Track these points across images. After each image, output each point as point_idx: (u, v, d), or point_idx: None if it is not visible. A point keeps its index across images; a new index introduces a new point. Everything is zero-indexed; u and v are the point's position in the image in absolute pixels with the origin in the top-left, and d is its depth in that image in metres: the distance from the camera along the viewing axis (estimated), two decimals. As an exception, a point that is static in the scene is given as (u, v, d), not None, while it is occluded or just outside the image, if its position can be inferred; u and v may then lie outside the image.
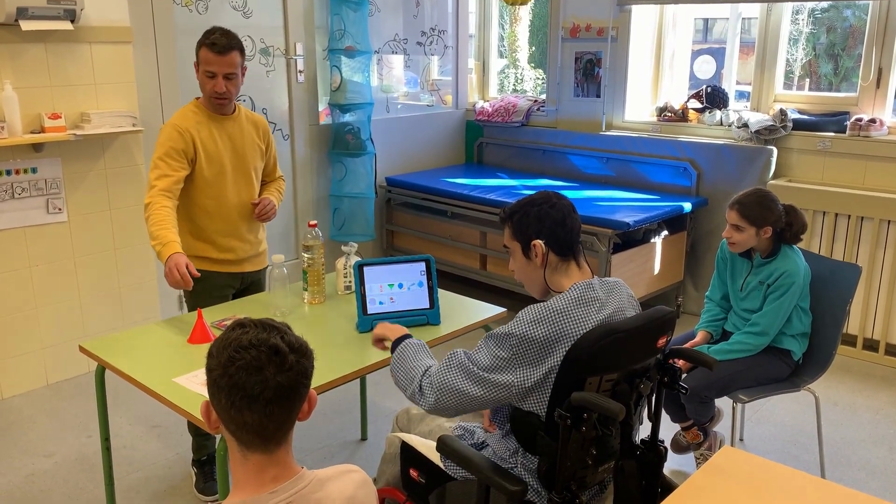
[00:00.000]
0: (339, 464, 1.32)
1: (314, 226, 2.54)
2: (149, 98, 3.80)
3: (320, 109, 4.65)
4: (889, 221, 3.73)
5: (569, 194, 4.73)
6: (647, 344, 1.66)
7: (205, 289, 2.63)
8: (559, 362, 1.61)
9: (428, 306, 2.39)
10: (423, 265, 2.41)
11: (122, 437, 3.13)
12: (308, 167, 4.64)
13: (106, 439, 2.34)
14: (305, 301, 2.57)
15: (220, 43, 2.49)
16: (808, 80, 4.56)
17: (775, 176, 4.13)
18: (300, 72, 4.48)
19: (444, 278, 5.00)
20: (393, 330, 2.05)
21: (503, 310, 2.55)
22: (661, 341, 1.68)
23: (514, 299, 4.56)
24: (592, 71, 4.77)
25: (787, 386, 2.66)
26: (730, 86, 4.62)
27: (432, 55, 5.31)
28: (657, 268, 4.21)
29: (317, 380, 1.31)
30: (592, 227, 3.87)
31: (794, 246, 2.64)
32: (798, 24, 4.44)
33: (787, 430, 3.21)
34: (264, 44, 4.32)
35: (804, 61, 4.57)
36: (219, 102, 2.55)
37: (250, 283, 2.82)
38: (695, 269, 4.49)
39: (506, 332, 1.68)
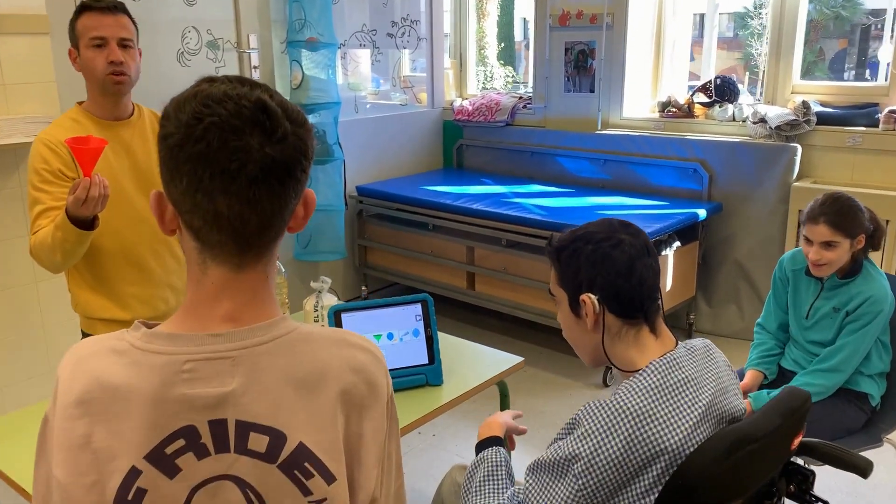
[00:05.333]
0: None
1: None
2: (72, 100, 3.17)
3: (280, 111, 4.08)
4: (934, 226, 3.28)
5: (565, 202, 4.07)
6: (781, 449, 1.14)
7: None
8: (651, 485, 1.08)
9: (427, 362, 1.84)
10: (418, 308, 1.86)
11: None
12: (267, 177, 4.06)
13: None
14: (266, 355, 2.00)
15: (103, 0, 1.91)
16: (825, 69, 4.13)
17: (798, 177, 3.67)
18: (255, 68, 3.91)
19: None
20: (489, 426, 1.52)
21: (520, 359, 2.02)
22: (797, 441, 1.17)
23: (507, 321, 4.04)
24: (585, 63, 4.27)
25: (864, 440, 2.17)
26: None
27: (404, 48, 4.76)
28: (669, 284, 3.72)
29: None
30: (597, 239, 3.35)
31: (876, 265, 2.15)
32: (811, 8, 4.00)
33: (861, 490, 2.68)
34: (212, 36, 3.73)
35: (818, 47, 4.13)
36: (118, 81, 1.91)
37: None
38: (707, 282, 4.01)
39: (566, 454, 1.15)
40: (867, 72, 4.23)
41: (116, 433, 0.82)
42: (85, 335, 2.06)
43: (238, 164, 0.81)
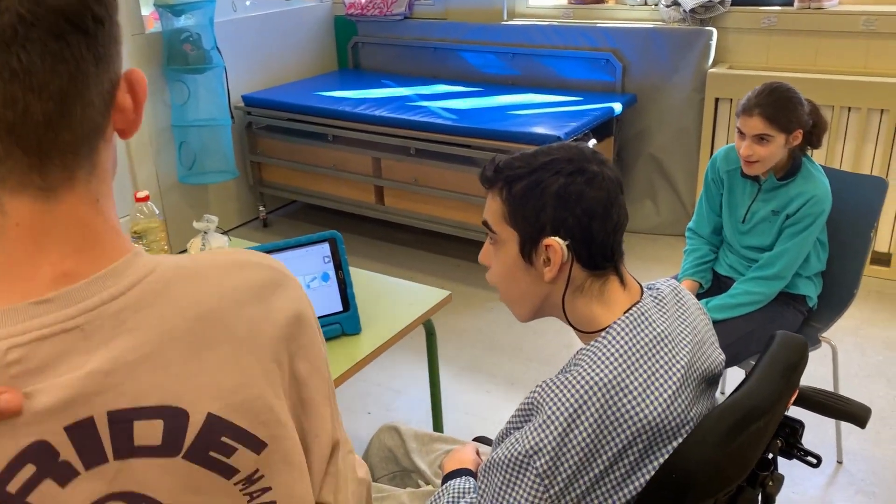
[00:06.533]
0: None
1: (145, 199, 1.64)
2: None
3: (145, 14, 3.56)
4: (849, 109, 3.21)
5: (474, 102, 3.75)
6: (781, 412, 0.96)
7: None
8: (628, 472, 0.89)
9: (341, 309, 1.59)
10: (325, 248, 1.59)
11: None
12: (137, 91, 3.57)
13: None
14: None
15: None
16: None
17: (714, 63, 3.51)
18: (108, -38, 3.34)
19: (332, 218, 4.15)
20: (460, 460, 1.27)
21: (447, 293, 1.79)
22: (793, 397, 1.00)
23: (419, 235, 3.81)
24: (486, -55, 3.90)
25: (804, 342, 2.09)
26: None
27: (283, -66, 4.22)
28: (586, 183, 3.55)
29: None
30: (511, 144, 3.13)
31: (815, 163, 2.01)
32: None
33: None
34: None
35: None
36: None
37: None
38: (623, 180, 3.88)
39: (525, 449, 0.93)
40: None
41: None
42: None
43: None
